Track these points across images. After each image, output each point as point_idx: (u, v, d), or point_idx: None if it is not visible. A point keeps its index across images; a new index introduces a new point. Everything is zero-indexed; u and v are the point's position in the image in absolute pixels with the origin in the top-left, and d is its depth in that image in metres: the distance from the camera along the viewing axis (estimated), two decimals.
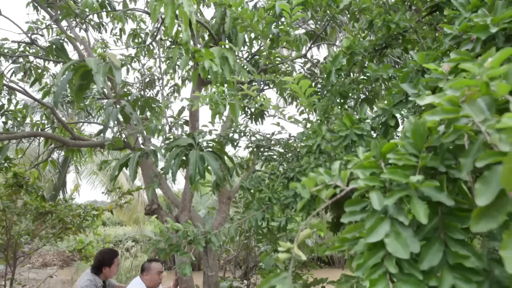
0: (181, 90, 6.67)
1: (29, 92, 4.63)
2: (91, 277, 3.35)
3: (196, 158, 1.92)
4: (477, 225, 0.54)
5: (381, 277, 0.59)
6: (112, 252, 3.53)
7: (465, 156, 0.60)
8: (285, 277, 0.66)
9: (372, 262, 0.63)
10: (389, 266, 0.59)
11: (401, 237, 0.62)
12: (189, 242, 1.72)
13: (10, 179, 4.23)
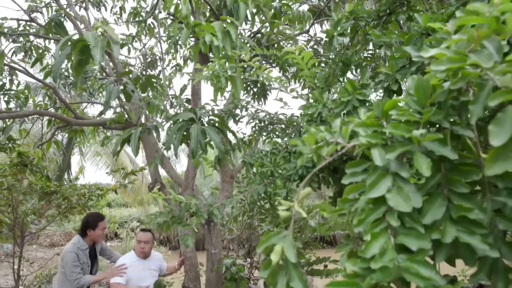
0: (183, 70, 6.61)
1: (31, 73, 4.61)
2: (76, 241, 3.44)
3: (197, 132, 1.91)
4: (492, 168, 0.52)
5: (382, 231, 0.58)
6: (97, 216, 3.59)
7: (474, 103, 0.57)
8: (286, 235, 0.65)
9: (373, 217, 0.62)
10: (391, 220, 0.58)
11: (403, 191, 0.60)
12: (191, 214, 1.72)
13: (14, 158, 4.25)
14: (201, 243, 11.34)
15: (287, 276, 0.62)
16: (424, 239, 0.56)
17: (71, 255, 3.32)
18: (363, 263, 0.57)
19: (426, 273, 0.51)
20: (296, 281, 0.62)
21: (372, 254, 0.55)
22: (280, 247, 0.62)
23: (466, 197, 0.62)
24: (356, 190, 0.76)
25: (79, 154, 11.73)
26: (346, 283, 0.56)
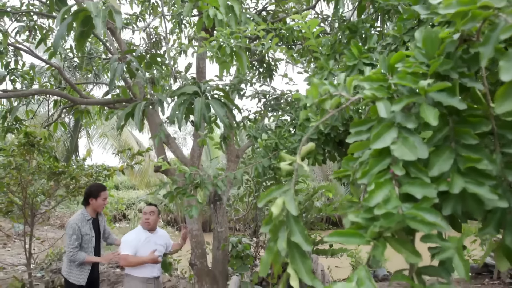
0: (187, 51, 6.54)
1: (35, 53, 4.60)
2: (79, 212, 3.58)
3: (201, 105, 1.89)
4: (502, 105, 0.50)
5: (386, 181, 0.57)
6: (99, 186, 3.72)
7: (485, 44, 0.55)
8: (288, 189, 0.64)
9: (377, 169, 0.60)
10: (396, 170, 0.56)
11: (408, 141, 0.58)
12: (196, 186, 1.72)
13: (22, 139, 4.29)
14: (208, 224, 11.49)
15: (288, 230, 0.61)
16: (429, 187, 0.54)
17: (72, 227, 3.43)
18: (366, 214, 0.55)
19: (431, 219, 0.50)
20: (297, 236, 0.61)
21: (376, 202, 0.53)
22: (281, 200, 0.61)
23: (474, 148, 0.60)
24: (361, 148, 0.74)
25: (86, 137, 11.82)
26: (349, 233, 0.55)
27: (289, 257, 0.61)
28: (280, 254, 0.65)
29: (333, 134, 1.72)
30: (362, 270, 0.51)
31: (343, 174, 0.83)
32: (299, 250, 0.62)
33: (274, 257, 0.61)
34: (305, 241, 0.61)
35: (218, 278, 3.99)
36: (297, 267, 0.59)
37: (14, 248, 7.93)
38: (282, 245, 0.59)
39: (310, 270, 0.60)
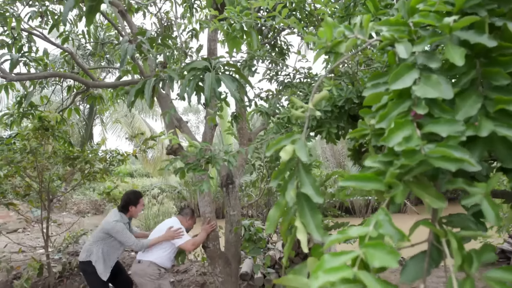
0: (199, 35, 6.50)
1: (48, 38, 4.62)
2: (119, 215, 3.57)
3: (211, 80, 1.85)
4: None
5: (407, 122, 0.52)
6: (137, 193, 3.77)
7: None
8: (298, 138, 0.60)
9: (397, 112, 0.55)
10: (418, 109, 0.51)
11: (431, 79, 0.53)
12: (207, 161, 1.70)
13: (36, 123, 4.35)
14: (221, 210, 11.58)
15: (297, 180, 0.57)
16: (456, 123, 0.49)
17: (120, 225, 3.45)
18: (385, 157, 0.51)
19: (458, 155, 0.45)
20: (307, 187, 0.57)
21: (396, 142, 0.49)
22: (291, 147, 0.57)
23: (505, 89, 0.55)
24: (378, 100, 0.69)
25: (100, 125, 11.96)
26: (365, 177, 0.51)
27: (298, 210, 0.57)
28: (289, 211, 0.61)
29: (348, 106, 1.66)
30: (381, 213, 0.47)
31: (359, 134, 0.79)
32: (309, 202, 0.58)
33: (282, 212, 0.58)
34: (316, 193, 0.57)
35: (231, 260, 4.01)
36: (306, 221, 0.55)
37: (33, 232, 8.15)
38: (290, 195, 0.55)
39: (320, 225, 0.56)
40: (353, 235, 0.47)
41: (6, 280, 4.59)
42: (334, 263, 0.46)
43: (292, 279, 0.53)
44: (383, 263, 0.43)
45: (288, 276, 0.54)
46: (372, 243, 0.45)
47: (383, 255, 0.43)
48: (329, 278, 0.44)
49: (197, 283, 4.55)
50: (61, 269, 4.71)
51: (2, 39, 4.36)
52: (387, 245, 0.44)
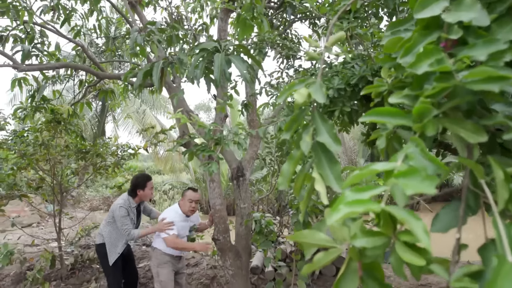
0: (209, 29, 6.48)
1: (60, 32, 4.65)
2: (126, 198, 3.59)
3: (221, 61, 1.80)
4: None
5: (436, 48, 0.45)
6: (145, 176, 3.72)
7: None
8: (313, 81, 0.54)
9: (424, 43, 0.49)
10: (451, 34, 0.45)
11: (464, 3, 0.47)
12: (216, 142, 1.65)
13: (48, 116, 4.38)
14: (231, 207, 11.57)
15: (313, 126, 0.51)
16: (497, 42, 0.42)
17: (122, 210, 3.47)
18: (411, 90, 0.45)
19: (503, 72, 0.38)
20: (323, 135, 0.51)
21: (424, 69, 0.43)
22: (305, 90, 0.51)
23: None
24: (397, 48, 0.63)
25: (112, 122, 12.07)
26: (389, 111, 0.45)
27: (315, 161, 0.51)
28: (305, 165, 0.56)
29: (361, 85, 1.59)
30: (411, 144, 0.41)
31: (376, 90, 0.73)
32: (326, 153, 0.52)
33: (295, 164, 0.52)
34: (333, 141, 0.51)
35: (241, 253, 3.96)
36: (324, 172, 0.50)
37: (47, 227, 8.26)
38: (305, 141, 0.49)
39: (339, 176, 0.51)
40: (378, 170, 0.41)
41: (20, 271, 4.64)
42: (358, 197, 0.40)
43: (307, 234, 0.48)
44: (419, 189, 0.37)
45: (303, 231, 0.48)
46: (403, 172, 0.39)
47: (418, 182, 0.37)
48: (352, 210, 0.38)
49: (208, 276, 4.52)
50: (73, 261, 4.74)
51: (15, 34, 4.40)
52: (422, 170, 0.38)
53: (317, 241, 0.47)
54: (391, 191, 0.40)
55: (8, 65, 3.38)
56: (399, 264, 0.43)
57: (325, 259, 0.46)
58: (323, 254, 0.46)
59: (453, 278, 0.40)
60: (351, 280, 0.46)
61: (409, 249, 0.41)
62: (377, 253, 0.44)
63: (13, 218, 5.13)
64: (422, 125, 0.42)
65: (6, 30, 4.31)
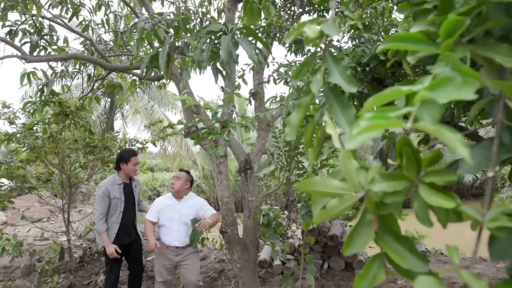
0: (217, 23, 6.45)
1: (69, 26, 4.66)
2: (111, 176, 3.65)
3: (228, 42, 1.76)
4: None
5: None
6: (130, 151, 3.73)
7: None
8: (325, 20, 0.50)
9: None
10: None
11: None
12: (223, 125, 1.62)
13: (56, 109, 4.39)
14: (240, 204, 11.55)
15: (324, 65, 0.47)
16: None
17: (101, 189, 3.50)
18: (436, 17, 0.40)
19: None
20: (336, 76, 0.46)
21: None
22: (316, 27, 0.47)
23: None
24: None
25: (121, 119, 12.15)
26: (411, 37, 0.40)
27: (326, 106, 0.47)
28: (315, 114, 0.51)
29: (373, 64, 1.53)
30: (440, 65, 0.36)
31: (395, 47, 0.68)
32: (338, 97, 0.48)
33: (304, 111, 0.48)
34: (347, 82, 0.46)
35: (249, 246, 3.93)
36: (336, 117, 0.45)
37: (57, 222, 8.34)
38: (316, 80, 0.45)
39: (354, 120, 0.46)
40: (403, 91, 0.36)
41: (30, 264, 4.67)
42: (381, 114, 0.35)
43: (318, 182, 0.43)
44: (456, 95, 0.32)
45: (314, 178, 0.44)
46: (435, 82, 0.33)
47: (454, 89, 0.32)
48: (376, 123, 0.33)
49: (215, 270, 4.50)
50: (82, 254, 4.76)
51: (24, 28, 4.42)
52: (456, 78, 0.33)
53: (330, 189, 0.42)
54: (418, 111, 0.35)
55: (16, 56, 3.39)
56: (424, 210, 0.38)
57: (339, 206, 0.42)
58: (337, 200, 0.42)
59: (487, 217, 0.36)
60: (365, 233, 0.42)
61: (436, 191, 0.37)
62: (397, 201, 0.39)
63: (23, 211, 5.17)
64: (452, 41, 0.36)
65: (15, 25, 4.34)
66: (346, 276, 4.20)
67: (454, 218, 0.39)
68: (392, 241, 0.42)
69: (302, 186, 0.46)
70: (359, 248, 0.43)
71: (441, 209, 0.39)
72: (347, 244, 0.44)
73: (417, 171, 0.39)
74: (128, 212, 3.65)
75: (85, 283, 4.49)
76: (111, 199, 3.50)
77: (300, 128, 0.54)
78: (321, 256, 4.39)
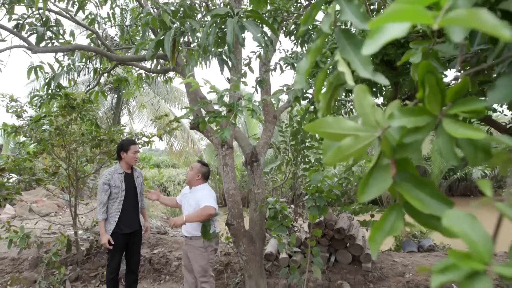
0: None
1: (75, 19, 4.66)
2: (113, 166, 3.72)
3: (234, 25, 1.73)
4: None
5: None
6: (130, 140, 3.81)
7: None
8: None
9: None
10: None
11: None
12: (229, 109, 1.59)
13: (62, 101, 4.40)
14: (246, 200, 11.55)
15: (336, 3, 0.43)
16: None
17: (103, 179, 3.56)
18: None
19: None
20: (348, 14, 0.43)
21: None
22: None
23: None
24: None
25: (128, 115, 12.19)
26: None
27: (338, 48, 0.44)
28: (326, 63, 0.48)
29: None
30: None
31: None
32: (351, 38, 0.45)
33: (314, 55, 0.44)
34: (361, 20, 0.43)
35: (255, 239, 3.91)
36: (349, 57, 0.42)
37: (65, 216, 8.40)
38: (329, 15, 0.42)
39: (368, 60, 0.43)
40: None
41: (37, 256, 4.70)
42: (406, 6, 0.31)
43: (331, 122, 0.40)
44: None
45: (326, 118, 0.40)
46: None
47: None
48: (401, 9, 0.29)
49: (222, 263, 4.49)
50: (89, 247, 4.78)
51: (31, 22, 4.43)
52: None
53: (344, 130, 0.39)
54: None
55: (23, 46, 3.39)
56: (450, 145, 0.35)
57: (354, 146, 0.38)
58: (352, 139, 0.38)
59: None
60: (382, 179, 0.38)
61: (463, 123, 0.33)
62: (418, 139, 0.36)
63: (30, 204, 5.20)
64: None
65: (22, 18, 4.35)
66: (353, 269, 4.16)
67: (483, 155, 0.36)
68: (411, 188, 0.38)
69: (312, 127, 0.42)
70: (375, 194, 0.40)
71: (468, 144, 0.35)
72: (362, 189, 0.40)
73: (441, 103, 0.36)
74: (129, 202, 3.68)
75: (92, 275, 4.51)
76: (111, 188, 3.55)
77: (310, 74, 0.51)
78: (328, 250, 4.35)
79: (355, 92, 0.40)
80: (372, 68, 0.42)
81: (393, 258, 4.54)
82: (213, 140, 3.81)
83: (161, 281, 4.44)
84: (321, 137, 0.42)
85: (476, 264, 0.27)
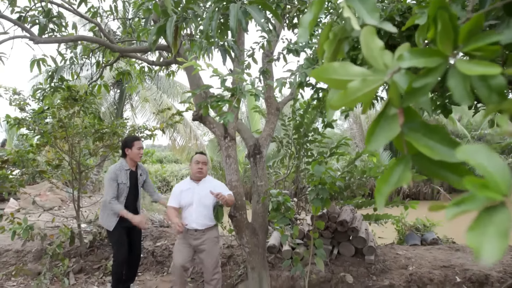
0: None
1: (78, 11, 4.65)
2: (119, 162, 3.73)
3: (237, 10, 1.71)
4: None
5: None
6: (133, 137, 3.82)
7: None
8: None
9: None
10: None
11: None
12: (232, 93, 1.57)
13: (65, 93, 4.40)
14: (249, 195, 11.55)
15: None
16: None
17: (110, 174, 3.56)
18: None
19: None
20: None
21: None
22: None
23: None
24: None
25: (130, 110, 12.20)
26: None
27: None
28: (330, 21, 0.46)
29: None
30: None
31: None
32: None
33: (318, 8, 0.43)
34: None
35: (258, 231, 3.90)
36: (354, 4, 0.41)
37: (68, 210, 8.44)
38: None
39: (375, 8, 0.41)
40: None
41: (41, 248, 4.72)
42: None
43: (337, 68, 0.38)
44: None
45: (331, 64, 0.39)
46: None
47: None
48: None
49: (224, 255, 4.49)
50: (92, 239, 4.80)
51: (33, 14, 4.42)
52: None
53: (351, 75, 0.37)
54: None
55: (25, 36, 3.38)
56: (463, 85, 0.33)
57: (361, 89, 0.37)
58: (359, 82, 0.37)
59: None
60: (389, 127, 0.37)
61: (477, 61, 0.31)
62: (428, 83, 0.34)
63: (33, 196, 5.22)
64: None
65: (24, 11, 4.34)
66: (356, 262, 4.15)
67: (497, 97, 0.34)
68: (420, 137, 0.37)
69: (318, 73, 0.41)
70: (383, 142, 0.38)
71: (483, 85, 0.34)
72: (369, 138, 0.39)
73: (453, 43, 0.34)
74: (130, 198, 3.72)
75: (95, 267, 4.52)
76: (118, 184, 3.55)
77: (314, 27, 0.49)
78: (331, 242, 4.34)
79: (362, 34, 0.39)
80: (379, 15, 0.40)
81: (396, 251, 4.53)
82: (216, 131, 3.80)
83: (164, 273, 4.45)
84: (327, 84, 0.40)
85: (494, 194, 0.26)
